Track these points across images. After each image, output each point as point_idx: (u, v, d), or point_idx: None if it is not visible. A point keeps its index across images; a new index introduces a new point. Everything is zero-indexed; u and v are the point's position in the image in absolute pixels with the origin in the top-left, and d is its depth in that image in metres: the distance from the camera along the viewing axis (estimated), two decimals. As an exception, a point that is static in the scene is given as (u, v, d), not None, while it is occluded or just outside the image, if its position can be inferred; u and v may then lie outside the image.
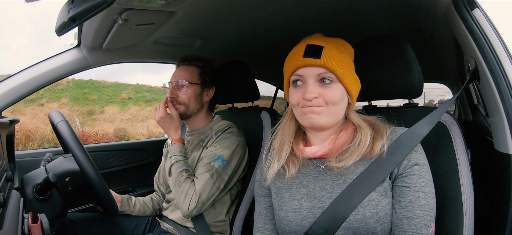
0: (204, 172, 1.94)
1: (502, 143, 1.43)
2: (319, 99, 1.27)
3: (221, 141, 2.04)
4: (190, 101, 2.12)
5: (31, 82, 1.96)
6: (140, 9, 1.59)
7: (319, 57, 1.25)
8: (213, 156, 1.99)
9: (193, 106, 2.13)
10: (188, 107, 2.12)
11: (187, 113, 2.14)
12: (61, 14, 1.27)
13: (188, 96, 2.11)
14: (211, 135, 2.12)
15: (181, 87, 2.11)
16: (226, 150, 2.02)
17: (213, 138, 2.09)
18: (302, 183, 1.37)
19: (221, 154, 2.00)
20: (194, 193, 1.89)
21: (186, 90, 2.10)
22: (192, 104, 2.13)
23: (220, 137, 2.07)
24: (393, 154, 1.26)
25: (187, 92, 2.10)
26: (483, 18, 1.48)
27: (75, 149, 1.61)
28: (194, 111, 2.15)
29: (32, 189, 1.64)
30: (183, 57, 2.22)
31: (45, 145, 14.38)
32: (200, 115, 2.22)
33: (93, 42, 2.03)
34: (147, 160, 3.12)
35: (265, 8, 1.89)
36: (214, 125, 2.20)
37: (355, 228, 1.22)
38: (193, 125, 2.24)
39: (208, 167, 1.96)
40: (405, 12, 2.03)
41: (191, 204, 1.88)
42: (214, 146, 2.03)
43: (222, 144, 2.03)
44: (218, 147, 2.02)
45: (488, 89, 1.46)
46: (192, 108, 2.14)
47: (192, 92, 2.12)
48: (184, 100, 2.11)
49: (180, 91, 2.11)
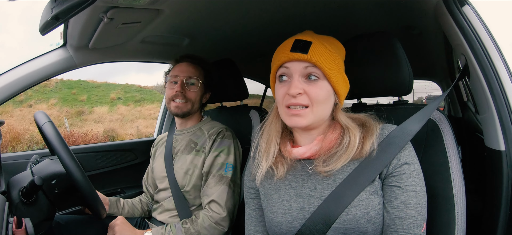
0: (223, 186, 1.96)
1: (493, 139, 1.44)
2: (303, 95, 1.24)
3: (222, 147, 2.04)
4: (196, 100, 2.13)
5: (15, 83, 1.93)
6: (126, 7, 1.57)
7: (307, 52, 1.23)
8: (221, 166, 2.00)
9: (196, 105, 2.15)
10: (194, 105, 2.13)
11: (191, 111, 2.14)
12: (44, 13, 1.25)
13: (197, 94, 2.12)
14: (205, 139, 2.11)
15: (191, 85, 2.11)
16: (230, 156, 2.03)
17: (208, 143, 2.08)
18: (291, 184, 1.35)
19: (228, 162, 2.01)
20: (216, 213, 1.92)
21: (196, 88, 2.11)
22: (196, 104, 2.14)
23: (218, 143, 2.06)
24: (383, 153, 1.24)
25: (197, 90, 2.11)
26: (473, 14, 1.48)
27: (61, 151, 1.58)
28: (195, 110, 2.17)
29: (18, 192, 1.60)
30: (187, 54, 2.21)
31: (34, 147, 14.27)
32: (195, 115, 2.23)
33: (79, 42, 2.00)
34: (136, 161, 3.09)
35: (253, 6, 1.88)
36: (204, 126, 2.19)
37: (346, 228, 1.20)
38: (185, 124, 2.23)
39: (223, 179, 1.97)
40: (394, 10, 2.03)
41: (222, 221, 1.92)
42: (217, 154, 2.03)
43: (224, 151, 2.03)
44: (222, 155, 2.02)
45: (478, 85, 1.46)
46: (195, 108, 2.15)
47: (200, 91, 2.14)
48: (192, 97, 2.11)
49: (189, 88, 2.11)
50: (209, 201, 1.95)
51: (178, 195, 2.07)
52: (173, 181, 2.09)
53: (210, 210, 1.93)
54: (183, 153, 2.14)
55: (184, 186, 2.06)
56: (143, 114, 22.10)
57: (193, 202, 2.08)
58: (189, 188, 2.05)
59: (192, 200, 2.08)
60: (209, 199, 1.95)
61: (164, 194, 2.17)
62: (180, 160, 2.12)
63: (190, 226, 1.88)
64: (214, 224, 1.89)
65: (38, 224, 1.56)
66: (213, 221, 1.89)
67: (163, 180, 2.18)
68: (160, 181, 2.21)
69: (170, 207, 2.12)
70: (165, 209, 2.16)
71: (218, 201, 1.93)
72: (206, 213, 1.92)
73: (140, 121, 20.86)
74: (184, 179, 2.06)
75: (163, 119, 3.36)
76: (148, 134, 14.76)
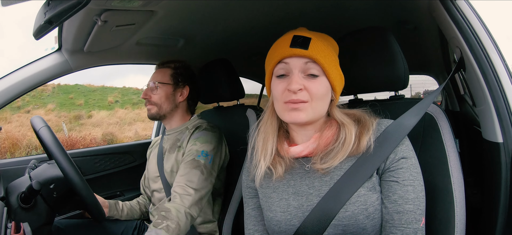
0: (193, 169, 1.90)
1: (490, 131, 1.44)
2: (303, 91, 1.23)
3: (198, 137, 2.04)
4: (162, 101, 2.15)
5: (11, 89, 1.93)
6: (120, 10, 1.56)
7: (307, 48, 1.22)
8: (195, 152, 1.97)
9: (165, 106, 2.16)
10: (161, 107, 2.15)
11: (160, 113, 2.16)
12: (38, 17, 1.25)
13: (160, 96, 2.14)
14: (186, 135, 2.13)
15: (154, 88, 2.15)
16: (207, 144, 2.01)
17: (187, 136, 2.09)
18: (289, 182, 1.34)
19: (204, 149, 1.98)
20: (187, 195, 1.82)
21: (157, 90, 2.14)
22: (164, 104, 2.15)
23: (195, 135, 2.06)
24: (380, 148, 1.24)
25: (158, 92, 2.14)
26: (467, 7, 1.48)
27: (58, 155, 1.58)
28: (167, 111, 2.18)
29: (17, 197, 1.60)
30: (160, 61, 2.26)
31: (33, 153, 14.27)
32: (176, 115, 2.23)
33: (74, 45, 2.00)
34: (134, 163, 3.09)
35: (248, 5, 1.88)
36: (190, 124, 2.21)
37: (344, 225, 1.20)
38: (170, 124, 2.25)
39: (194, 163, 1.92)
40: (388, 5, 2.03)
41: (192, 207, 1.81)
42: (193, 143, 2.02)
43: (200, 140, 2.02)
44: (198, 143, 2.01)
45: (474, 78, 1.46)
46: (165, 108, 2.16)
47: (163, 92, 2.15)
48: (156, 100, 2.14)
49: (152, 92, 2.15)
50: (176, 185, 1.87)
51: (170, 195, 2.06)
52: (165, 182, 2.11)
53: (177, 196, 1.82)
54: (169, 153, 2.17)
55: (172, 184, 2.05)
56: (141, 117, 22.10)
57: None
58: None
59: None
60: (176, 184, 1.87)
61: (158, 195, 2.18)
62: (168, 160, 2.15)
63: (168, 222, 1.69)
64: (188, 210, 1.79)
65: (38, 228, 1.56)
66: (187, 207, 1.79)
67: (156, 180, 2.19)
68: (153, 181, 2.22)
69: (166, 209, 2.10)
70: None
71: (186, 182, 1.85)
72: (175, 202, 1.80)
73: (138, 124, 20.89)
74: (171, 178, 2.08)
75: (160, 122, 3.35)
76: (146, 137, 14.76)
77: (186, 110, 2.28)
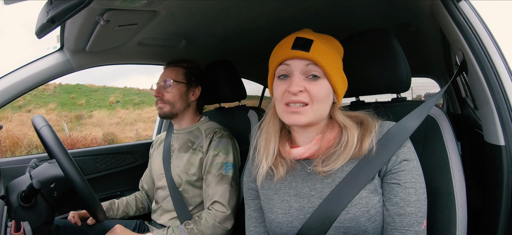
0: (225, 185, 1.98)
1: (492, 134, 1.43)
2: (304, 93, 1.23)
3: (220, 146, 2.06)
4: (176, 99, 2.14)
5: (13, 88, 1.93)
6: (122, 9, 1.56)
7: (308, 50, 1.22)
8: (221, 165, 2.02)
9: (179, 104, 2.16)
10: (174, 106, 2.15)
11: (173, 112, 2.16)
12: (40, 16, 1.25)
13: (173, 94, 2.14)
14: (202, 138, 2.13)
15: (167, 86, 2.14)
16: (229, 155, 2.05)
17: (205, 142, 2.10)
18: (290, 184, 1.34)
19: (228, 161, 2.04)
20: (221, 212, 1.94)
21: (171, 88, 2.13)
22: (177, 103, 2.15)
23: (216, 143, 2.08)
24: (382, 150, 1.23)
25: (172, 90, 2.13)
26: (469, 9, 1.47)
27: (59, 154, 1.58)
28: (180, 109, 2.17)
29: (17, 196, 1.59)
30: (169, 60, 2.25)
31: (34, 152, 14.26)
32: (187, 115, 2.23)
33: (76, 45, 2.00)
34: (135, 163, 3.09)
35: (250, 6, 1.87)
36: (202, 126, 2.21)
37: (346, 227, 1.20)
38: (180, 124, 2.25)
39: (224, 178, 2.00)
40: (391, 7, 2.02)
41: (225, 222, 1.94)
42: (216, 153, 2.05)
43: (222, 150, 2.05)
44: (221, 154, 2.04)
45: (476, 81, 1.45)
46: (178, 107, 2.16)
47: (177, 90, 2.14)
48: (170, 98, 2.13)
49: (166, 90, 2.14)
50: (212, 201, 1.96)
51: (176, 194, 2.10)
52: (170, 180, 2.12)
53: (214, 210, 1.94)
54: (179, 152, 2.17)
55: (180, 184, 2.08)
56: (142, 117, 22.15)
57: (191, 201, 2.10)
58: (185, 186, 2.07)
59: (190, 199, 2.10)
60: (212, 200, 1.96)
61: (162, 193, 2.19)
62: (177, 159, 2.15)
63: (194, 226, 1.88)
64: (218, 223, 1.90)
65: (38, 228, 1.56)
66: (217, 221, 1.90)
67: (161, 178, 2.20)
68: (158, 178, 2.23)
69: (169, 208, 2.13)
70: (164, 211, 2.16)
71: (221, 200, 1.94)
72: (210, 213, 1.93)
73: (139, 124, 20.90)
74: (180, 177, 2.08)
75: (162, 122, 3.36)
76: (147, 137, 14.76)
77: (196, 110, 2.29)
